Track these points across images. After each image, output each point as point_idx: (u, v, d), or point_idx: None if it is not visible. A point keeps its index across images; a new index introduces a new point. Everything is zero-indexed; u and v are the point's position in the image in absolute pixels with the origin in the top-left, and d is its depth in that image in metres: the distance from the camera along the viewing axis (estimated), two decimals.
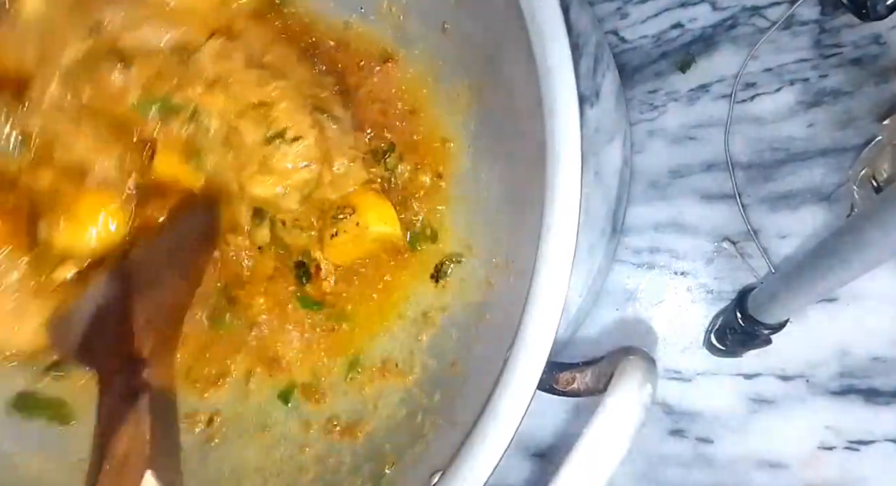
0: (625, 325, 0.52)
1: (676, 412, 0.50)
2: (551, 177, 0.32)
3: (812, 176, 0.49)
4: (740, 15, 0.52)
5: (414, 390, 0.46)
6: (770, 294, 0.43)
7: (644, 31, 0.54)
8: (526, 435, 0.54)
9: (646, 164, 0.53)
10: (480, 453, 0.31)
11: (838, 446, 0.47)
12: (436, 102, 0.48)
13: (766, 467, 0.48)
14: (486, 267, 0.45)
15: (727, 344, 0.48)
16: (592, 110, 0.47)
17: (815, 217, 0.49)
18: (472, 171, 0.46)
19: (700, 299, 0.51)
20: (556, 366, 0.36)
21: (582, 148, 0.32)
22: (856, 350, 0.47)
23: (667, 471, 0.50)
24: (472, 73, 0.45)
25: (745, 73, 0.51)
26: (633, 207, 0.53)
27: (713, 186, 0.51)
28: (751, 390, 0.49)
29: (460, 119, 0.47)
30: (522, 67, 0.35)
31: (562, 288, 0.32)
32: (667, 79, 0.53)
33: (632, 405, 0.31)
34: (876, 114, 0.48)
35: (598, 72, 0.47)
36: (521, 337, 0.32)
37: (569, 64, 0.33)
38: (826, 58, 0.49)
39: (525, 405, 0.31)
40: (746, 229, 0.50)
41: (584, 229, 0.33)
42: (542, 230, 0.32)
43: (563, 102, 0.33)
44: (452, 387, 0.43)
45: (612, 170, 0.49)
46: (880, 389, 0.46)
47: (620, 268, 0.53)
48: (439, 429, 0.41)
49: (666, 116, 0.53)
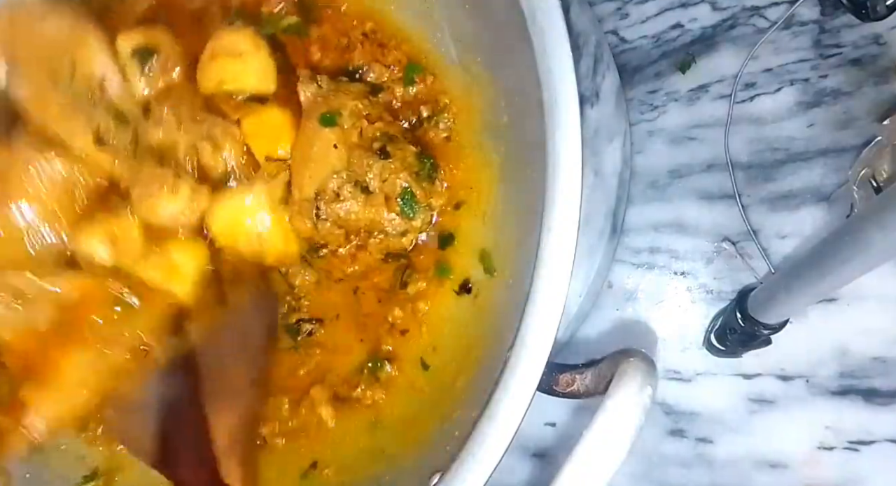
0: (625, 325, 0.52)
1: (676, 411, 0.50)
2: (551, 177, 0.32)
3: (812, 176, 0.49)
4: (740, 15, 0.52)
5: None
6: (770, 294, 0.43)
7: (644, 32, 0.54)
8: (526, 435, 0.53)
9: (646, 164, 0.53)
10: (480, 453, 0.31)
11: (838, 446, 0.47)
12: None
13: (766, 467, 0.48)
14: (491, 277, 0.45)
15: (727, 344, 0.48)
16: (592, 110, 0.46)
17: (815, 217, 0.49)
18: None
19: (700, 299, 0.51)
20: (556, 367, 0.35)
21: (582, 148, 0.32)
22: (856, 350, 0.47)
23: (667, 471, 0.50)
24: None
25: (745, 73, 0.51)
26: (633, 208, 0.53)
27: (713, 186, 0.51)
28: (751, 390, 0.49)
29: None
30: (523, 68, 0.35)
31: (562, 288, 0.32)
32: (667, 79, 0.53)
33: (632, 408, 0.31)
34: (876, 114, 0.48)
35: (598, 72, 0.47)
36: (521, 337, 0.32)
37: (569, 64, 0.33)
38: (826, 58, 0.49)
39: (525, 406, 0.31)
40: (746, 229, 0.50)
41: (584, 230, 0.33)
42: (542, 231, 0.32)
43: (563, 102, 0.32)
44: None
45: (612, 170, 0.49)
46: (880, 389, 0.46)
47: (620, 268, 0.53)
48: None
49: (666, 116, 0.53)
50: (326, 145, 0.45)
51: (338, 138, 0.45)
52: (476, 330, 0.44)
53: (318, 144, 0.45)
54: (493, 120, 0.45)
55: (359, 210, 0.45)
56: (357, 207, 0.45)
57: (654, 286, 0.52)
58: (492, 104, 0.45)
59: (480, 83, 0.46)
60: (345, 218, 0.46)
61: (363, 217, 0.46)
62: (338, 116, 0.45)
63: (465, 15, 0.45)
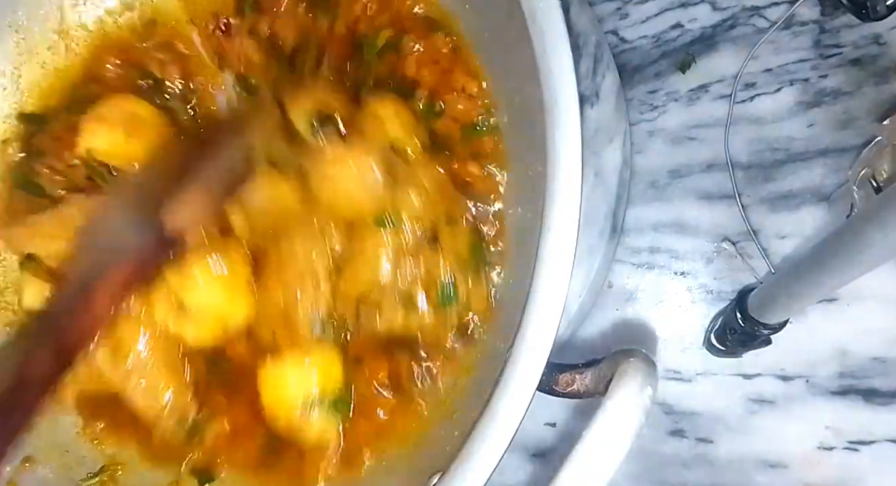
0: (625, 325, 0.52)
1: (676, 411, 0.50)
2: (551, 177, 0.32)
3: (812, 176, 0.49)
4: (740, 15, 0.52)
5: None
6: (770, 294, 0.43)
7: (644, 31, 0.54)
8: (526, 435, 0.53)
9: (646, 164, 0.53)
10: (480, 453, 0.31)
11: (838, 446, 0.47)
12: None
13: (766, 467, 0.48)
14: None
15: (727, 344, 0.48)
16: (592, 110, 0.46)
17: (815, 217, 0.49)
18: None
19: (700, 299, 0.51)
20: (556, 367, 0.35)
21: (582, 148, 0.32)
22: (856, 350, 0.47)
23: (667, 471, 0.50)
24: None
25: (745, 73, 0.51)
26: (633, 208, 0.53)
27: (713, 186, 0.51)
28: (751, 390, 0.49)
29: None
30: (523, 68, 0.35)
31: (562, 288, 0.32)
32: (667, 79, 0.53)
33: (632, 408, 0.31)
34: (876, 114, 0.48)
35: (598, 72, 0.47)
36: (521, 337, 0.32)
37: (569, 64, 0.33)
38: (826, 58, 0.49)
39: (525, 406, 0.31)
40: (746, 229, 0.50)
41: (584, 230, 0.33)
42: (542, 231, 0.32)
43: (563, 102, 0.32)
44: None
45: (612, 170, 0.49)
46: (880, 389, 0.46)
47: (620, 268, 0.53)
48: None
49: (666, 116, 0.53)
50: (376, 247, 0.41)
51: (391, 243, 0.41)
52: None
53: (368, 241, 0.41)
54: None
55: (399, 322, 0.42)
56: (398, 320, 0.42)
57: (654, 286, 0.52)
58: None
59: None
60: (389, 325, 0.42)
61: (406, 326, 0.42)
62: (396, 220, 0.41)
63: (464, 15, 0.45)
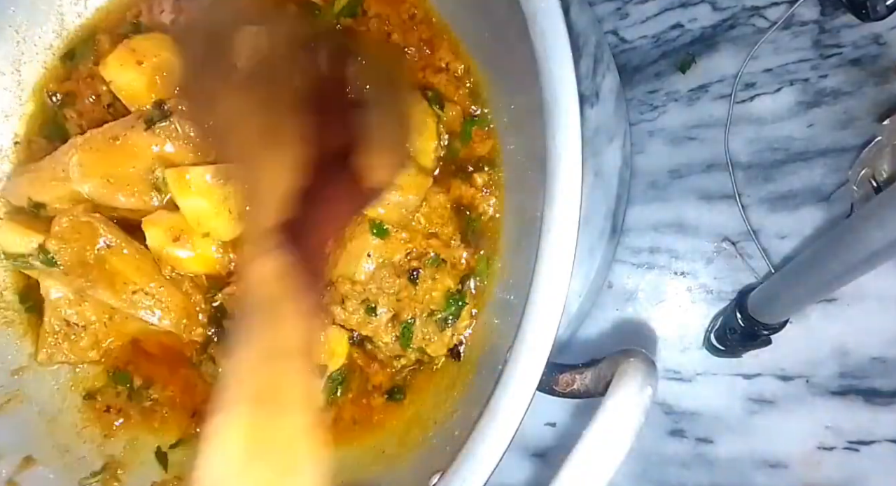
0: (625, 325, 0.52)
1: (676, 411, 0.50)
2: (551, 177, 0.32)
3: (812, 176, 0.49)
4: (740, 15, 0.52)
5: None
6: (770, 294, 0.43)
7: (644, 32, 0.54)
8: (526, 435, 0.53)
9: (646, 164, 0.53)
10: (480, 453, 0.31)
11: (838, 446, 0.47)
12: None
13: (766, 467, 0.48)
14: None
15: (727, 344, 0.48)
16: (592, 110, 0.47)
17: (815, 217, 0.49)
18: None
19: (700, 299, 0.51)
20: (557, 367, 0.35)
21: (582, 148, 0.32)
22: (856, 350, 0.47)
23: (667, 471, 0.50)
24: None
25: (745, 73, 0.51)
26: (633, 208, 0.53)
27: (713, 186, 0.51)
28: (751, 390, 0.49)
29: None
30: (523, 68, 0.35)
31: (562, 288, 0.32)
32: (667, 79, 0.53)
33: (632, 408, 0.31)
34: (876, 114, 0.48)
35: (598, 72, 0.47)
36: (521, 337, 0.32)
37: (569, 65, 0.33)
38: (826, 58, 0.49)
39: (525, 406, 0.31)
40: (746, 229, 0.50)
41: (584, 230, 0.33)
42: (542, 231, 0.32)
43: (564, 102, 0.32)
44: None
45: (612, 170, 0.49)
46: (880, 389, 0.46)
47: (620, 268, 0.53)
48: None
49: (666, 116, 0.53)
50: (362, 248, 0.44)
51: (377, 250, 0.44)
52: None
53: (360, 239, 0.44)
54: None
55: (359, 322, 0.45)
56: (355, 320, 0.44)
57: (654, 286, 0.52)
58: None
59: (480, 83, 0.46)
60: (344, 320, 0.45)
61: (359, 326, 0.45)
62: (391, 232, 0.44)
63: (465, 16, 0.45)
